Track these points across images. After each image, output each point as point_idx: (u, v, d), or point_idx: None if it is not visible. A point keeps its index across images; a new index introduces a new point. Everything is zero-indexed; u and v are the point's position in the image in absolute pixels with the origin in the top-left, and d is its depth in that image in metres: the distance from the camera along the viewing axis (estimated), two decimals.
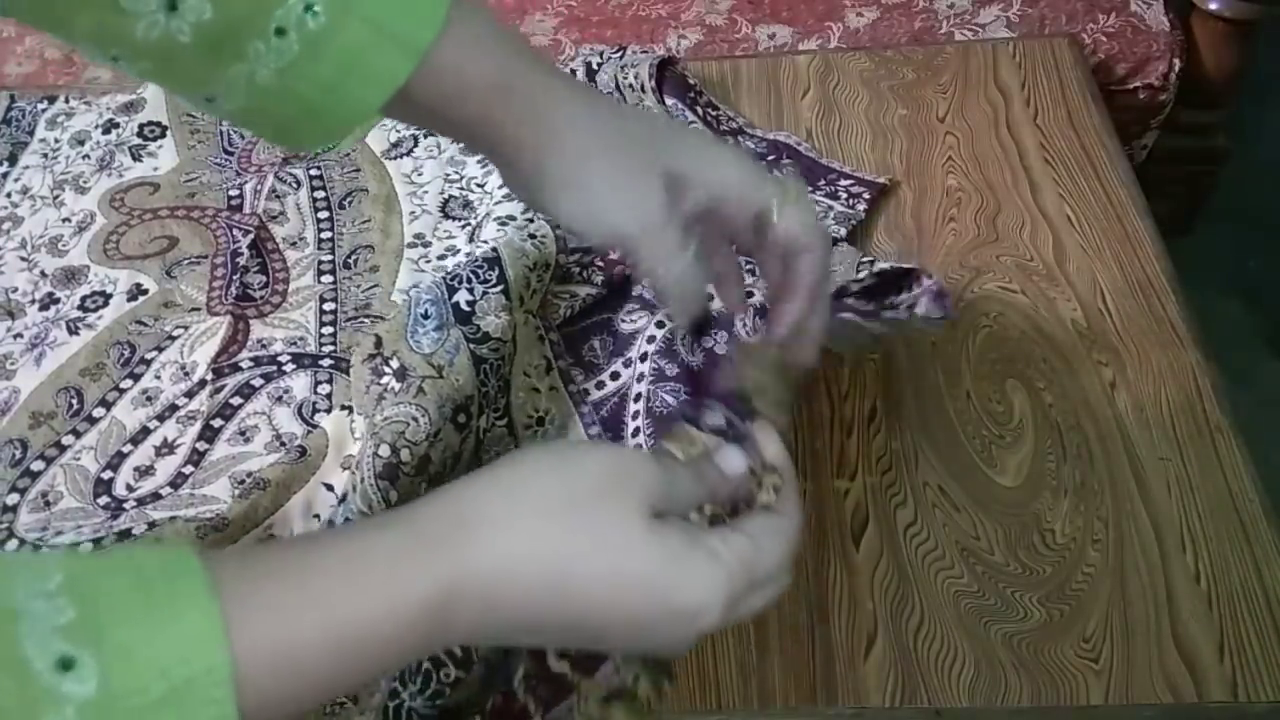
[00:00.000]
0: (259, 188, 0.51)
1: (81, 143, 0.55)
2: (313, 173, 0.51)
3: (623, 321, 0.42)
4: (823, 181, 0.49)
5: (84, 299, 0.47)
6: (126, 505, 0.38)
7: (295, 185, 0.51)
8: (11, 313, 0.47)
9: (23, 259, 0.49)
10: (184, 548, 0.18)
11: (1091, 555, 0.34)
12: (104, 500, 0.39)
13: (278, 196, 0.50)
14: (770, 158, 0.51)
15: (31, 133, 0.56)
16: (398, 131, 0.53)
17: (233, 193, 0.51)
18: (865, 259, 0.42)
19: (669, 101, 0.53)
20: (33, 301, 0.47)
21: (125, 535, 0.36)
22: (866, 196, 0.48)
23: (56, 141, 0.55)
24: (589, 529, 0.21)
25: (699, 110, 0.52)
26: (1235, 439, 0.37)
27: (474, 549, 0.20)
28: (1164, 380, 0.40)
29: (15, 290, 0.48)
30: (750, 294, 0.38)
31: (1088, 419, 0.39)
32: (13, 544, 0.37)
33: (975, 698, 0.31)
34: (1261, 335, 0.81)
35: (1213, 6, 0.66)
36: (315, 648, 0.18)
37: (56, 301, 0.47)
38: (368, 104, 0.24)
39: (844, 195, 0.48)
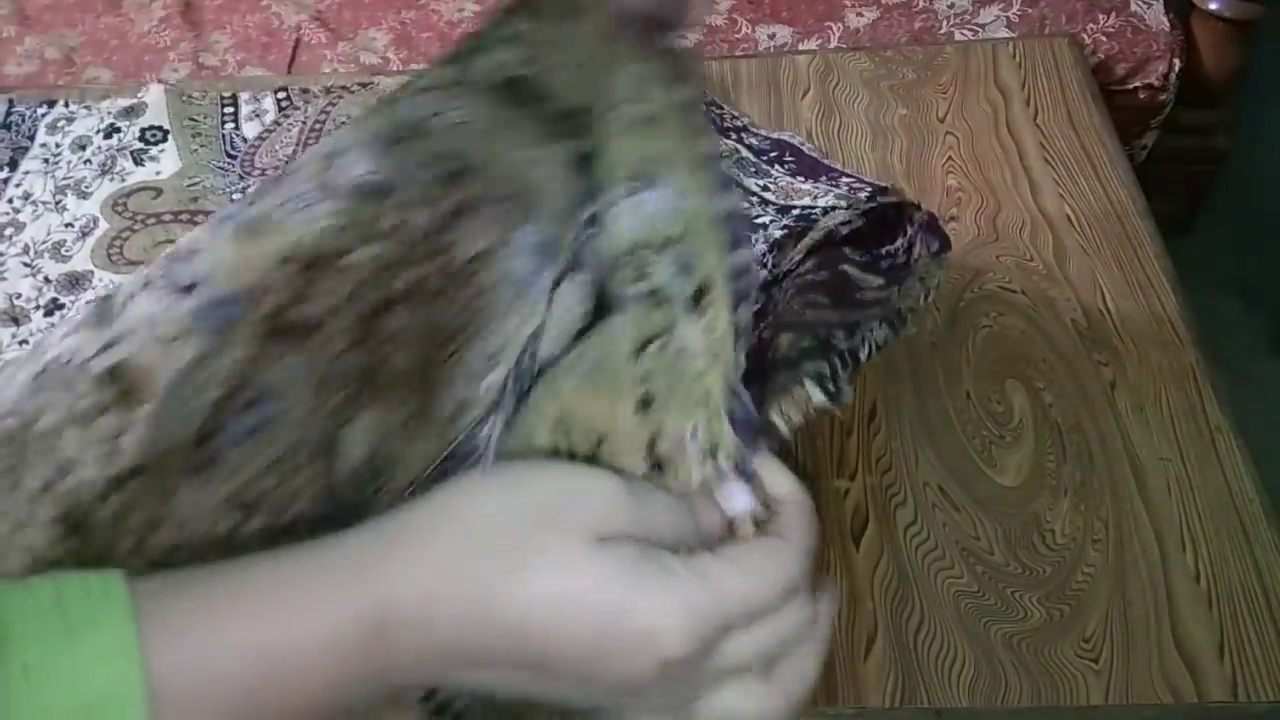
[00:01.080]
0: None
1: (83, 147, 0.55)
2: None
3: None
4: (824, 177, 0.48)
5: (88, 305, 0.47)
6: None
7: None
8: (16, 319, 0.47)
9: (26, 264, 0.50)
10: (111, 571, 0.17)
11: (1091, 555, 0.35)
12: None
13: None
14: (773, 154, 0.50)
15: (32, 137, 0.56)
16: None
17: (236, 197, 0.52)
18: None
19: None
20: (37, 307, 0.47)
21: None
22: (867, 192, 0.47)
23: (58, 146, 0.56)
24: (523, 546, 0.19)
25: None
26: (1235, 439, 0.37)
27: (399, 577, 0.19)
28: (1164, 380, 0.40)
29: (19, 296, 0.48)
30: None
31: (1088, 419, 0.39)
32: None
33: (975, 698, 0.32)
34: (1261, 335, 0.81)
35: (1213, 6, 0.66)
36: (237, 669, 0.17)
37: (61, 307, 0.47)
38: None
39: (844, 188, 0.48)
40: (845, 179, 0.48)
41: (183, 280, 0.26)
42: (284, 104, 0.57)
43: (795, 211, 0.45)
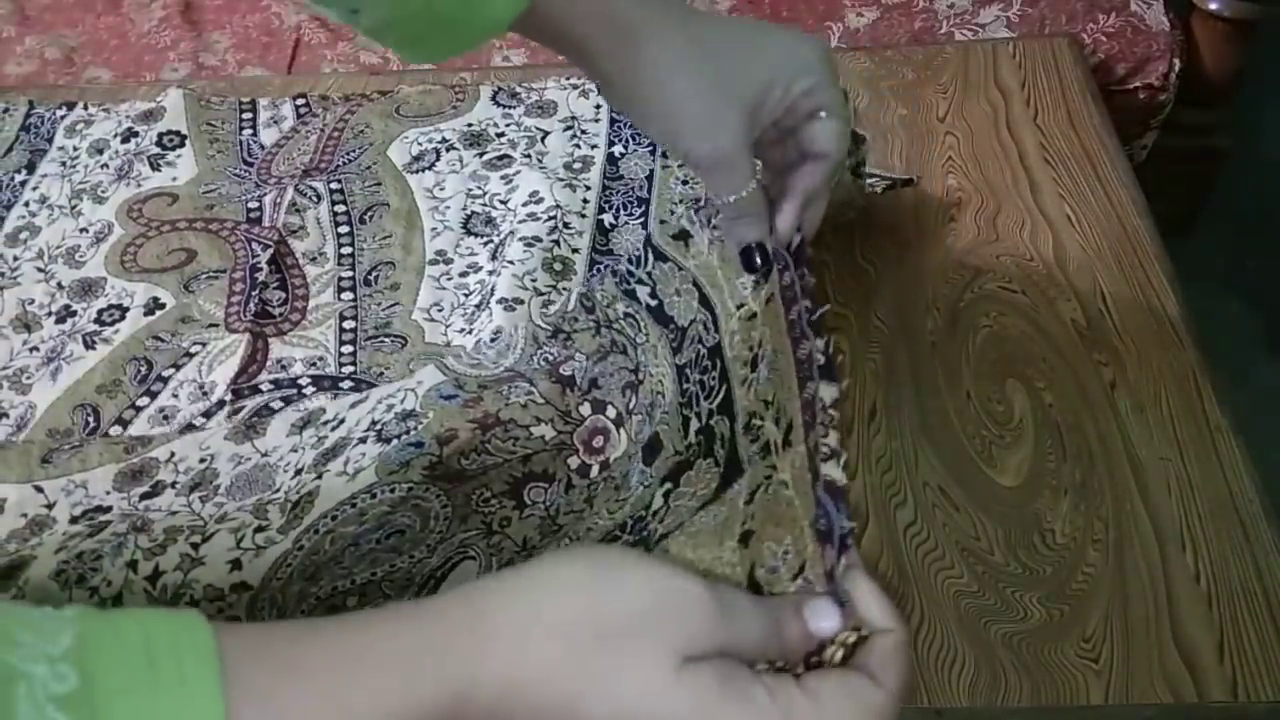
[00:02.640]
0: (278, 200, 0.51)
1: (100, 151, 0.55)
2: (333, 186, 0.51)
3: None
4: None
5: (100, 312, 0.47)
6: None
7: (315, 199, 0.51)
8: (29, 325, 0.47)
9: (40, 270, 0.50)
10: (195, 617, 0.17)
11: (1091, 555, 0.35)
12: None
13: (297, 210, 0.50)
14: None
15: (50, 140, 0.56)
16: (419, 145, 0.53)
17: (252, 205, 0.51)
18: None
19: None
20: (49, 314, 0.47)
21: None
22: (881, 186, 0.46)
23: (75, 150, 0.56)
24: (607, 668, 0.19)
25: None
26: (1235, 439, 0.37)
27: (486, 662, 0.19)
28: (1164, 380, 0.40)
29: (32, 302, 0.48)
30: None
31: (1088, 419, 0.39)
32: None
33: (975, 698, 0.32)
34: (1261, 335, 0.80)
35: (1213, 6, 0.66)
36: None
37: (73, 314, 0.47)
38: (501, 17, 0.26)
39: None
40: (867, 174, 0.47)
41: (392, 433, 0.33)
42: (302, 110, 0.57)
43: None
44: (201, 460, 0.38)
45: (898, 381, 0.41)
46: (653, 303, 0.34)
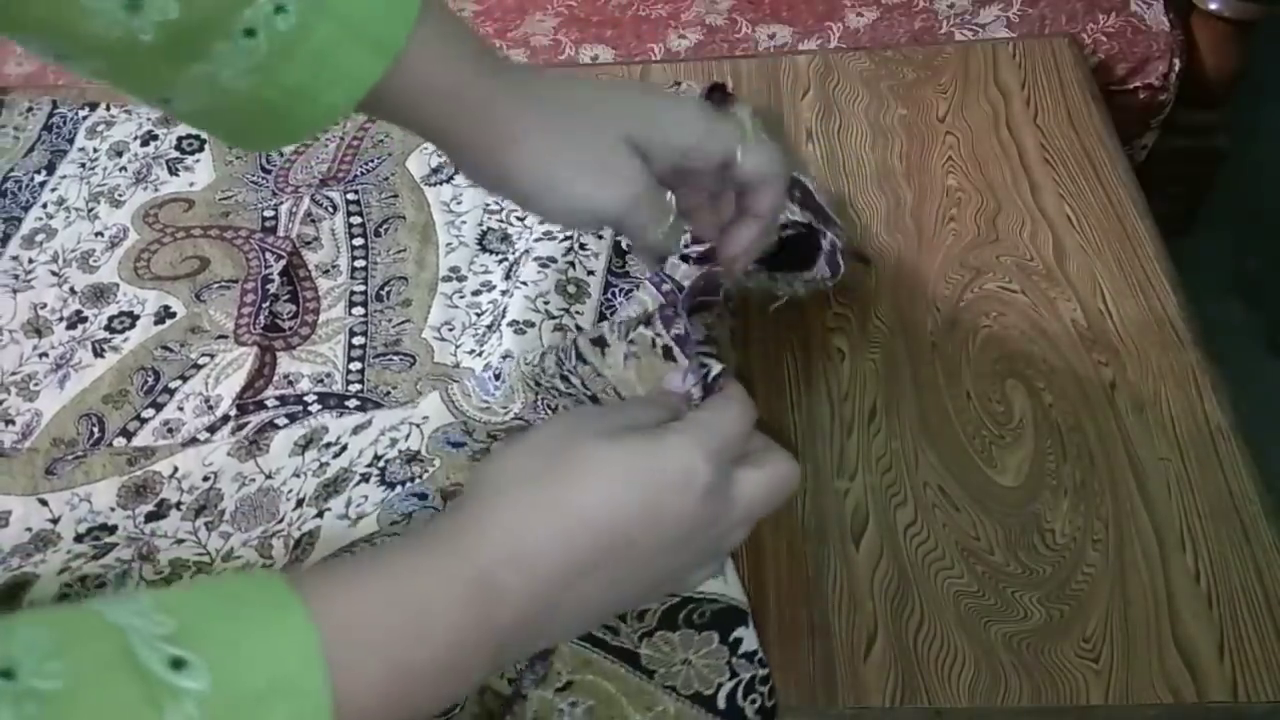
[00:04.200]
0: (294, 210, 0.50)
1: (120, 154, 0.55)
2: (350, 197, 0.51)
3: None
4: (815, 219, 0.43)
5: (111, 319, 0.47)
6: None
7: (331, 210, 0.50)
8: (39, 330, 0.47)
9: (53, 273, 0.49)
10: (265, 572, 0.19)
11: (1091, 555, 0.35)
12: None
13: (313, 220, 0.49)
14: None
15: (71, 141, 0.56)
16: (438, 156, 0.52)
17: (267, 214, 0.51)
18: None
19: None
20: (60, 319, 0.47)
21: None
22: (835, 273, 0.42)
23: (95, 151, 0.55)
24: (561, 466, 0.22)
25: None
26: (1235, 439, 0.38)
27: (483, 534, 0.22)
28: (1164, 380, 0.40)
29: (44, 306, 0.48)
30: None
31: (1088, 419, 0.39)
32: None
33: (975, 698, 0.32)
34: (1261, 335, 0.80)
35: (1213, 6, 0.66)
36: (385, 629, 0.19)
37: (84, 320, 0.47)
38: (336, 106, 0.23)
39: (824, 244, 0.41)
40: (832, 230, 0.43)
41: (396, 477, 0.34)
42: None
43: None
44: (205, 478, 0.38)
45: (898, 381, 0.41)
46: (586, 393, 0.35)
